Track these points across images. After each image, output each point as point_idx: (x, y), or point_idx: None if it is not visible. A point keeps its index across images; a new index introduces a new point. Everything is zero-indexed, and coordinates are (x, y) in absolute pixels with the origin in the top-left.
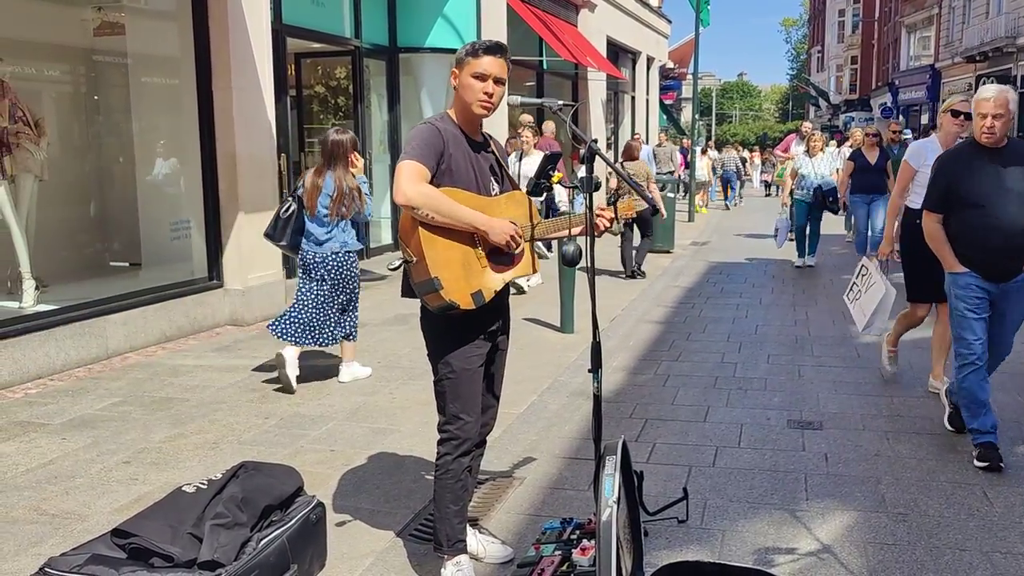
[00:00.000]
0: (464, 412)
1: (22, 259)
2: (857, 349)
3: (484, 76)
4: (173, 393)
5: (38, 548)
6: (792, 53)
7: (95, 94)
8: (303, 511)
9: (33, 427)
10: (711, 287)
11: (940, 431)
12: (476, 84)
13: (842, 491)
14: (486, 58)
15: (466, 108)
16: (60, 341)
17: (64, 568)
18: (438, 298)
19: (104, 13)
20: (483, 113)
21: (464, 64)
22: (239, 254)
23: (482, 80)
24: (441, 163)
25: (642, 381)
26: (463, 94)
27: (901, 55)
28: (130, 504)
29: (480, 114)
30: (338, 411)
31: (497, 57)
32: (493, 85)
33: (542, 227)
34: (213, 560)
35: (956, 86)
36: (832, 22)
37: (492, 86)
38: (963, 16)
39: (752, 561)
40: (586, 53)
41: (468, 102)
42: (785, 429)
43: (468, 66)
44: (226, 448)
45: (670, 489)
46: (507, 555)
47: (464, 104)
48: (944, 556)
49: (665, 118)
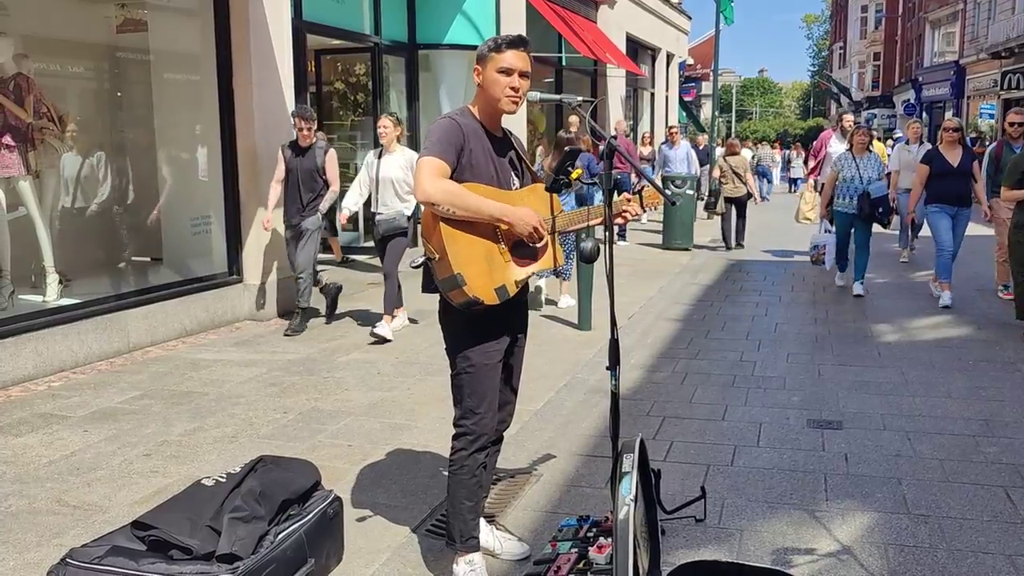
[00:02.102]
0: (480, 407)
1: (45, 254)
2: (878, 348)
3: (510, 71)
4: (193, 387)
5: (60, 539)
6: (813, 49)
7: (118, 90)
8: (320, 505)
9: (56, 419)
10: (730, 284)
11: (961, 432)
12: (502, 79)
13: (862, 492)
14: (509, 52)
15: (492, 103)
16: (83, 335)
17: (85, 559)
18: (462, 294)
19: (127, 10)
20: (512, 108)
21: (488, 60)
22: (259, 249)
23: (508, 75)
24: (462, 157)
25: (660, 379)
26: (489, 90)
27: (925, 51)
28: (150, 496)
29: (509, 109)
30: (355, 406)
31: (520, 51)
32: (519, 79)
33: (563, 219)
34: (231, 553)
35: (981, 83)
36: (855, 18)
37: (518, 80)
38: (988, 12)
39: (770, 561)
40: (605, 49)
41: (495, 97)
42: (805, 429)
43: (492, 62)
44: (245, 442)
45: (688, 488)
46: (523, 552)
47: (490, 99)
48: (966, 559)
49: (684, 115)
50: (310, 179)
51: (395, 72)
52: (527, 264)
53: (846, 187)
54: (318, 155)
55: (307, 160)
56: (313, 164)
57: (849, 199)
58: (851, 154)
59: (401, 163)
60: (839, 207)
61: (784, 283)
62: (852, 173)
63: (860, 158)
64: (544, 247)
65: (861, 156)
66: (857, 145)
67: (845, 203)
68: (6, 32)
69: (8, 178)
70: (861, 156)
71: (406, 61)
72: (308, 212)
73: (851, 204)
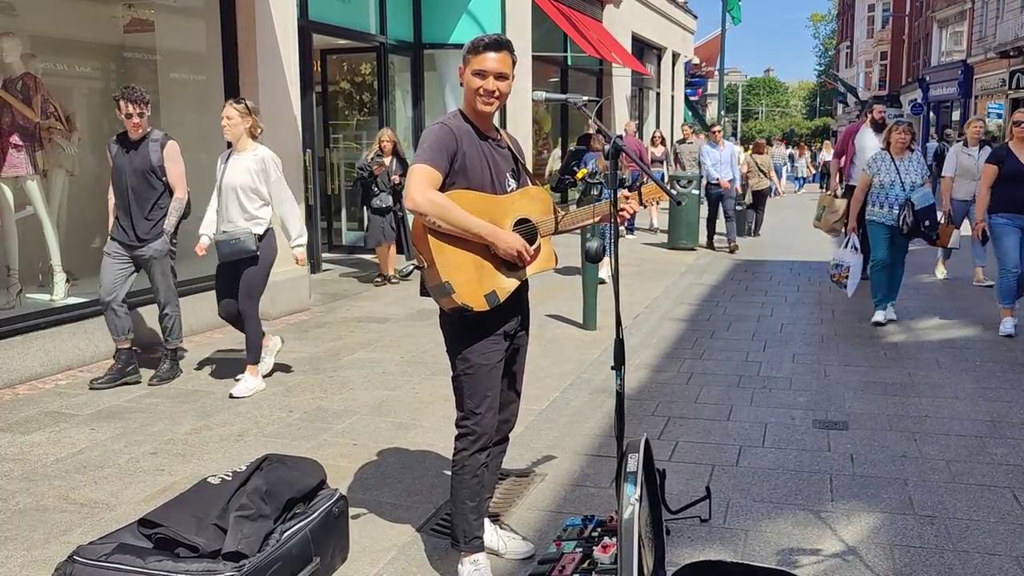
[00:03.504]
0: (480, 407)
1: (53, 252)
2: (884, 349)
3: (484, 73)
4: (199, 386)
5: (67, 536)
6: (820, 49)
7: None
8: (326, 504)
9: (63, 417)
10: (736, 284)
11: (968, 433)
12: (476, 81)
13: (868, 492)
14: (486, 54)
15: (470, 103)
16: (90, 333)
17: (92, 557)
18: (451, 301)
19: (134, 10)
20: (486, 109)
21: (467, 61)
22: None
23: (482, 77)
24: (455, 162)
25: (665, 379)
26: (466, 90)
27: (932, 50)
28: (156, 494)
29: (483, 110)
30: (361, 405)
31: (499, 52)
32: (494, 81)
33: (568, 218)
34: (237, 551)
35: (989, 82)
36: (861, 17)
37: (493, 82)
38: (997, 10)
39: (775, 562)
40: (611, 49)
41: (469, 98)
42: (810, 429)
43: (469, 64)
44: (250, 440)
45: (693, 488)
46: (528, 551)
47: (468, 99)
48: (973, 560)
49: (691, 115)
50: (144, 182)
51: (400, 72)
52: (519, 269)
53: (883, 194)
54: (152, 149)
55: (139, 156)
56: (147, 162)
57: (889, 208)
58: (888, 154)
59: (251, 166)
60: (873, 216)
61: (790, 283)
62: (891, 178)
63: (900, 159)
64: (537, 250)
65: (901, 157)
66: (897, 144)
67: (883, 213)
68: (14, 32)
69: (16, 177)
70: (901, 157)
71: (411, 61)
72: (151, 236)
73: (889, 214)
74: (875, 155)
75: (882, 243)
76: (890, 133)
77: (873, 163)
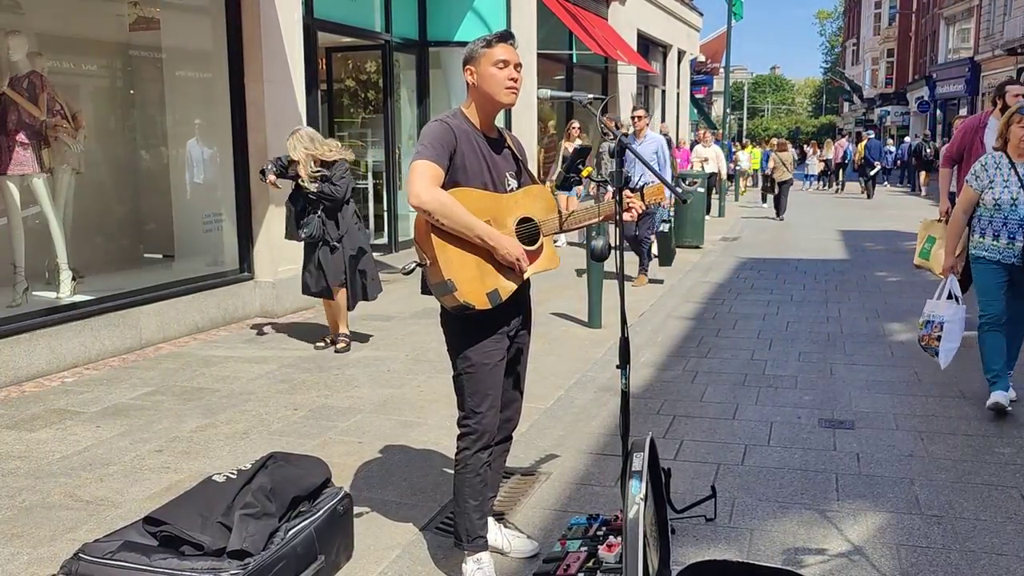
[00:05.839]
0: (481, 406)
1: (59, 250)
2: (891, 347)
3: (506, 63)
4: (204, 383)
5: (73, 534)
6: (826, 46)
7: (130, 88)
8: (330, 502)
9: (69, 415)
10: (741, 283)
11: (975, 432)
12: (499, 72)
13: (874, 492)
14: (501, 46)
15: (490, 100)
16: (95, 331)
17: (98, 554)
18: (453, 299)
19: (139, 8)
20: (511, 99)
21: (480, 57)
22: (270, 247)
23: (504, 66)
24: (454, 159)
25: (670, 377)
26: (486, 86)
27: (939, 48)
28: (162, 492)
29: (509, 101)
30: (366, 403)
31: (510, 44)
32: (514, 70)
33: (573, 217)
34: (242, 549)
35: (996, 79)
36: (868, 14)
37: (514, 71)
38: (1004, 7)
39: (781, 561)
40: (616, 47)
41: (493, 92)
42: (816, 428)
43: (485, 58)
44: (256, 438)
45: (698, 487)
46: (533, 549)
47: (487, 96)
48: (980, 560)
49: (696, 112)
50: None
51: (406, 69)
52: None
53: (999, 217)
54: None
55: None
56: None
57: (1009, 239)
58: (1006, 156)
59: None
60: (983, 251)
61: (795, 281)
62: (1012, 193)
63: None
64: (539, 249)
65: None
66: (1019, 143)
67: (997, 246)
68: (20, 30)
69: (22, 175)
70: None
71: (416, 58)
72: None
73: (1009, 248)
74: (984, 159)
75: (995, 290)
76: (1008, 126)
77: (983, 171)
